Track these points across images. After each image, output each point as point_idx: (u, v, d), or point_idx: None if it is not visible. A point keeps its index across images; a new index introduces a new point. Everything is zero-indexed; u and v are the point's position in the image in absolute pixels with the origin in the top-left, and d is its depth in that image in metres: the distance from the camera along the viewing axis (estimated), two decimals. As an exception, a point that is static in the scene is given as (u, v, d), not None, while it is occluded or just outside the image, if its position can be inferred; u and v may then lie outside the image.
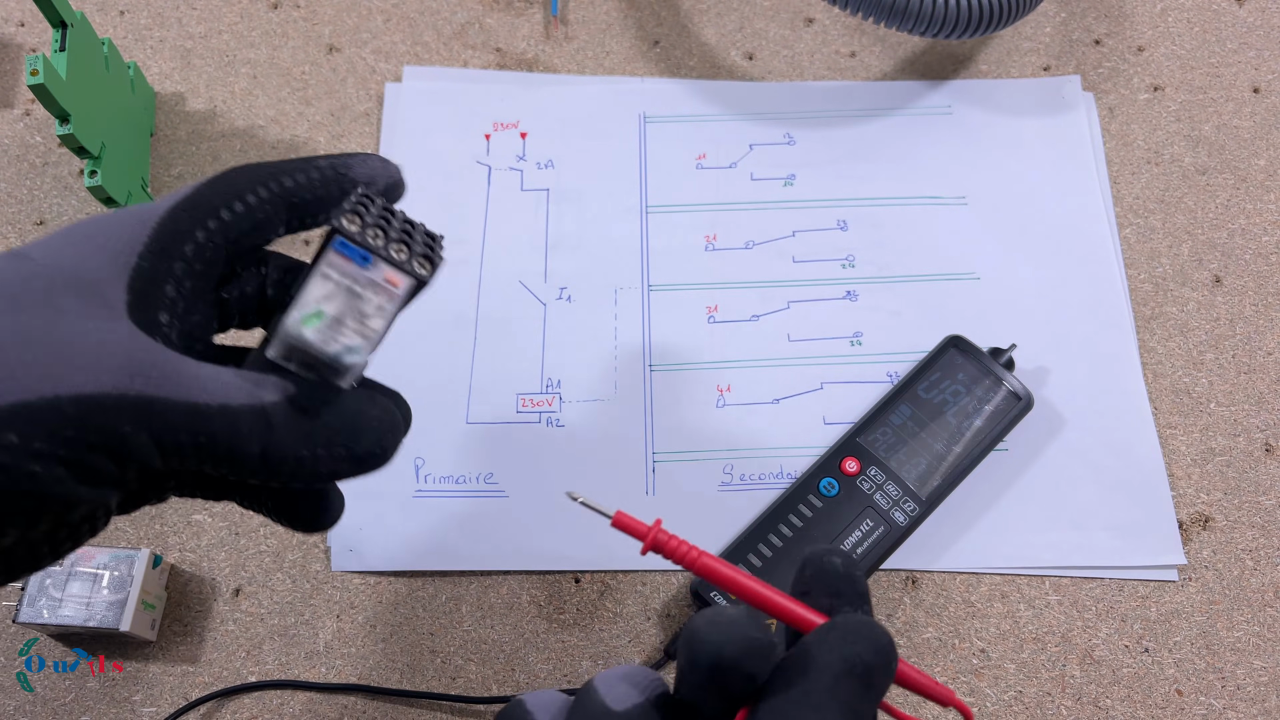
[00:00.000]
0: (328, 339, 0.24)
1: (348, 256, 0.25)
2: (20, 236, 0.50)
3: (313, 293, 0.25)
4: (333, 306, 0.25)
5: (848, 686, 0.21)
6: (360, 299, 0.25)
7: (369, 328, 0.25)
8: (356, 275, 0.25)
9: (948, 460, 0.44)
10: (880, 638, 0.22)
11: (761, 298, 0.49)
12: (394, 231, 0.26)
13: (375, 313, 0.25)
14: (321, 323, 0.24)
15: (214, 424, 0.23)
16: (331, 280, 0.25)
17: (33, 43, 0.54)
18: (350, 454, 0.25)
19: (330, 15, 0.55)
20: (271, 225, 0.27)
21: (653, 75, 0.55)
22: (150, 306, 0.24)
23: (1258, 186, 0.52)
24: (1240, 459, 0.46)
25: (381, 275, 0.25)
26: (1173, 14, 0.56)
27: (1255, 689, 0.42)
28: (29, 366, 0.21)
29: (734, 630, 0.21)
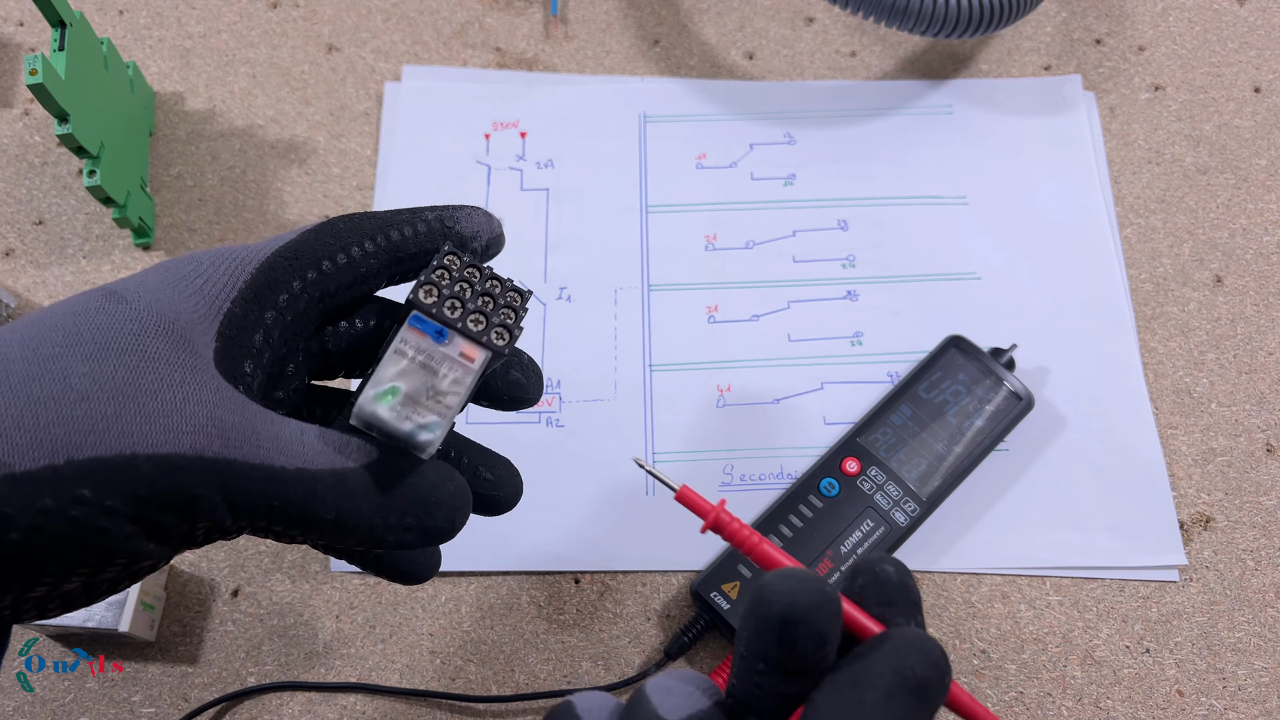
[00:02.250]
0: (402, 416, 0.24)
1: (422, 331, 0.25)
2: (19, 236, 0.49)
3: (387, 370, 0.24)
4: (407, 383, 0.24)
5: (901, 701, 0.21)
6: (435, 375, 0.25)
7: (444, 404, 0.24)
8: (431, 351, 0.25)
9: (948, 460, 0.44)
10: (934, 652, 0.22)
11: (762, 297, 0.49)
12: (473, 300, 0.26)
13: (450, 388, 0.25)
14: (396, 400, 0.24)
15: (290, 489, 0.23)
16: (406, 357, 0.25)
17: (32, 42, 0.54)
18: (420, 526, 0.25)
19: (330, 15, 0.55)
20: (375, 278, 0.27)
21: (653, 75, 0.54)
22: (237, 355, 0.24)
23: (1259, 186, 0.52)
24: (1241, 459, 0.46)
25: (457, 350, 0.25)
26: (1174, 13, 0.56)
27: (1256, 689, 0.42)
28: (110, 420, 0.21)
29: (806, 583, 0.21)
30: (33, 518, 0.20)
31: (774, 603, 0.21)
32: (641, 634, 0.43)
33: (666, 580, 0.44)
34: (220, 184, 0.51)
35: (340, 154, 0.52)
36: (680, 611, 0.43)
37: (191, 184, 0.51)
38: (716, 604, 0.41)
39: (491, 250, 0.29)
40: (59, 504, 0.20)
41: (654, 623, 0.43)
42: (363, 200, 0.51)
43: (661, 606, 0.43)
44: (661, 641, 0.43)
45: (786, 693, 0.22)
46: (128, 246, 0.49)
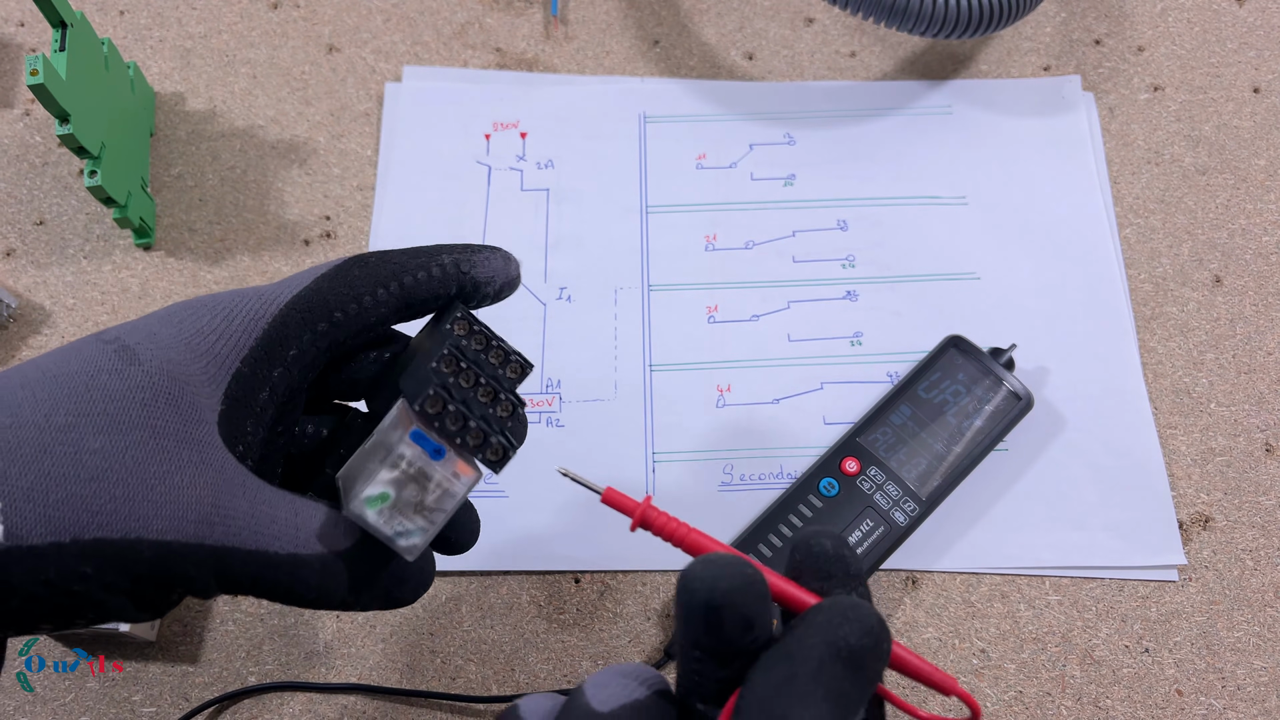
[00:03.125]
0: (389, 520, 0.25)
1: (422, 447, 0.25)
2: (20, 236, 0.50)
3: (380, 475, 0.25)
4: (397, 490, 0.25)
5: (833, 671, 0.20)
6: (426, 490, 0.25)
7: (430, 519, 0.25)
8: (426, 467, 0.25)
9: (948, 460, 0.44)
10: (868, 618, 0.21)
11: (761, 297, 0.49)
12: (476, 408, 0.26)
13: (437, 505, 0.25)
14: (385, 505, 0.25)
15: (279, 571, 0.24)
16: (400, 467, 0.25)
17: (32, 43, 0.54)
18: (387, 598, 0.26)
19: (330, 15, 0.55)
20: (386, 322, 0.27)
21: (653, 75, 0.55)
22: (241, 416, 0.25)
23: (1258, 186, 0.52)
24: (1240, 459, 0.46)
25: (452, 468, 0.25)
26: (1173, 14, 0.56)
27: (1255, 689, 0.42)
28: (118, 503, 0.22)
29: (728, 568, 0.21)
30: (34, 589, 0.21)
31: (696, 590, 0.21)
32: (641, 633, 0.43)
33: (666, 580, 0.44)
34: (221, 184, 0.51)
35: (341, 154, 0.52)
36: (680, 611, 0.43)
37: (192, 184, 0.51)
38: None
39: (505, 293, 0.29)
40: (61, 579, 0.21)
41: (654, 622, 0.43)
42: (363, 200, 0.51)
43: (661, 606, 0.43)
44: (661, 641, 0.43)
45: (723, 676, 0.22)
46: (128, 246, 0.50)
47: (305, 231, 0.50)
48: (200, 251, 0.50)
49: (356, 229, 0.50)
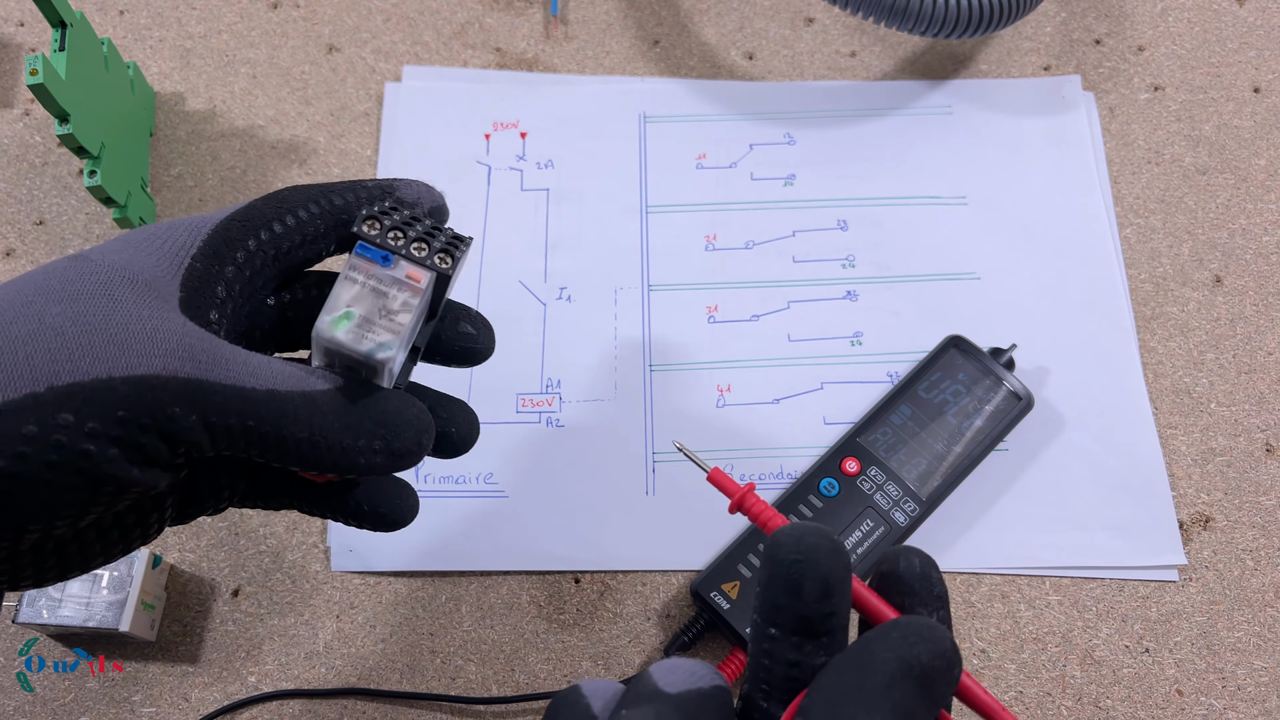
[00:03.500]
0: (359, 338, 0.25)
1: (369, 259, 0.26)
2: (20, 236, 0.50)
3: (340, 296, 0.26)
4: (360, 307, 0.26)
5: (903, 688, 0.21)
6: (386, 297, 0.26)
7: (396, 323, 0.26)
8: (380, 275, 0.26)
9: (948, 460, 0.44)
10: (943, 640, 0.21)
11: (761, 298, 0.49)
12: (414, 233, 0.27)
13: (401, 309, 0.26)
14: (351, 323, 0.25)
15: (261, 408, 0.24)
16: (356, 282, 0.26)
17: (32, 42, 0.54)
18: (388, 448, 0.26)
19: (330, 15, 0.55)
20: (320, 242, 0.28)
21: (653, 75, 0.54)
22: (202, 304, 0.25)
23: (1258, 186, 0.52)
24: (1241, 459, 0.46)
25: (403, 273, 0.26)
26: (1173, 14, 0.56)
27: (1256, 689, 0.42)
28: (84, 349, 0.22)
29: (816, 531, 0.22)
30: (17, 445, 0.21)
31: (783, 544, 0.22)
32: (641, 634, 0.43)
33: (666, 580, 0.44)
34: (221, 184, 0.51)
35: (340, 154, 0.52)
36: (680, 611, 0.43)
37: (192, 184, 0.51)
38: (716, 604, 0.41)
39: (437, 218, 0.30)
40: (43, 430, 0.21)
41: (654, 622, 0.43)
42: (363, 200, 0.51)
43: (661, 606, 0.43)
44: (661, 641, 0.43)
45: (794, 661, 0.22)
46: (128, 246, 0.49)
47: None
48: (200, 251, 0.50)
49: (356, 229, 0.50)
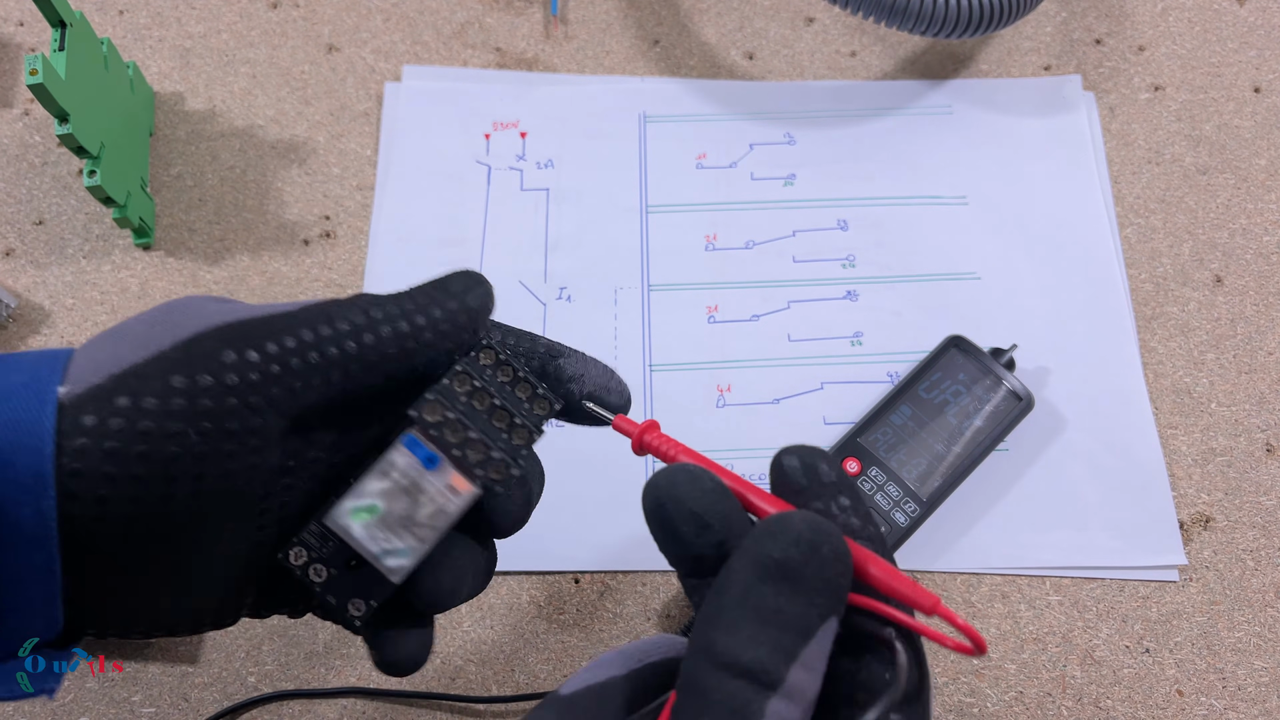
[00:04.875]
0: (373, 536, 0.23)
1: (414, 454, 0.24)
2: (19, 236, 0.49)
3: (369, 485, 0.23)
4: (387, 503, 0.23)
5: (760, 592, 0.19)
6: (418, 503, 0.24)
7: (417, 536, 0.24)
8: (418, 477, 0.24)
9: (948, 460, 0.44)
10: (794, 528, 0.20)
11: (762, 297, 0.49)
12: (477, 426, 0.24)
13: (429, 520, 0.24)
14: (371, 519, 0.23)
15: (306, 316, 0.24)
16: (390, 476, 0.24)
17: (32, 42, 0.54)
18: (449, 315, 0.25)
19: (330, 15, 0.55)
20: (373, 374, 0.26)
21: (653, 75, 0.54)
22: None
23: (1258, 186, 0.52)
24: (1241, 459, 0.46)
25: (446, 480, 0.24)
26: (1173, 13, 0.56)
27: (1256, 689, 0.42)
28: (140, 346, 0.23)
29: (677, 471, 0.22)
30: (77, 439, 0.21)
31: (647, 493, 0.22)
32: (641, 634, 0.43)
33: (666, 580, 0.44)
34: (220, 184, 0.51)
35: (340, 154, 0.52)
36: (680, 611, 0.43)
37: (192, 184, 0.51)
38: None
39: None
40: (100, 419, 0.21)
41: (654, 623, 0.43)
42: (362, 200, 0.51)
43: (661, 606, 0.43)
44: (661, 641, 0.43)
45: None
46: (128, 246, 0.49)
47: (305, 231, 0.50)
48: (200, 251, 0.50)
49: (356, 229, 0.50)
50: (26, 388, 0.22)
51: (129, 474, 0.21)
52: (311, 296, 0.48)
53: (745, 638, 0.19)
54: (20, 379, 0.22)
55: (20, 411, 0.21)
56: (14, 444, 0.21)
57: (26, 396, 0.21)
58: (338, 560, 0.25)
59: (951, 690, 0.42)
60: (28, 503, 0.21)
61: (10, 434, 0.21)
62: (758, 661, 0.18)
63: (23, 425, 0.21)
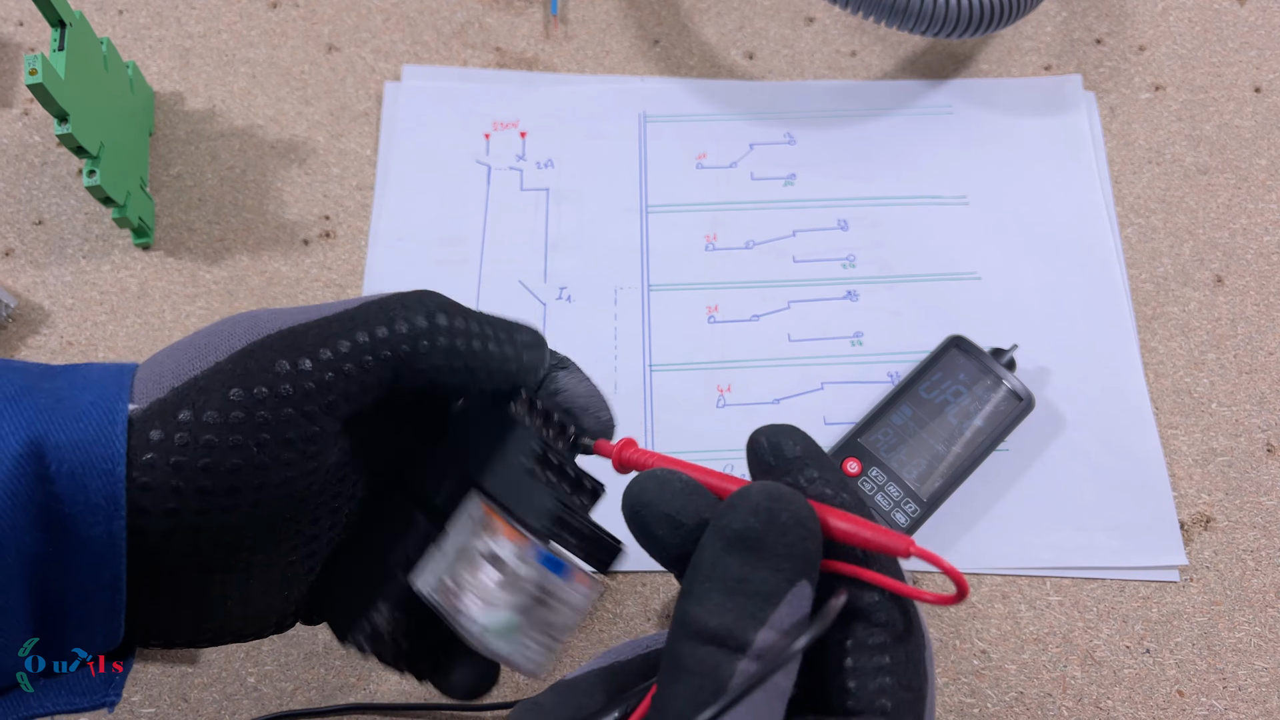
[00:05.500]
0: (517, 650, 0.23)
1: (548, 569, 0.23)
2: (19, 236, 0.49)
3: (500, 597, 0.23)
4: (525, 616, 0.23)
5: (725, 564, 0.20)
6: (551, 608, 0.23)
7: (556, 636, 0.23)
8: (552, 585, 0.23)
9: (948, 461, 0.44)
10: (753, 498, 0.20)
11: (762, 297, 0.49)
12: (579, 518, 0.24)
13: (565, 620, 0.23)
14: (516, 634, 0.23)
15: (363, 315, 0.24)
16: (525, 591, 0.23)
17: (31, 42, 0.54)
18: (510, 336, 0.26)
19: (329, 14, 0.55)
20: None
21: (653, 74, 0.54)
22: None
23: (1259, 186, 0.52)
24: (1242, 459, 0.46)
25: (573, 582, 0.23)
26: (1174, 13, 0.56)
27: (1257, 690, 0.41)
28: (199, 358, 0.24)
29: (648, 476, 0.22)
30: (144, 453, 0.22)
31: (624, 501, 0.22)
32: (641, 634, 0.43)
33: (667, 580, 0.44)
34: (220, 184, 0.51)
35: (340, 154, 0.52)
36: (680, 612, 0.43)
37: (191, 184, 0.51)
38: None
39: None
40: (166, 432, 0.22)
41: (654, 623, 0.43)
42: (362, 200, 0.51)
43: (662, 607, 0.43)
44: (661, 642, 0.43)
45: None
46: (127, 246, 0.49)
47: (304, 231, 0.50)
48: (199, 251, 0.50)
49: (356, 229, 0.50)
50: (96, 407, 0.22)
51: (195, 486, 0.22)
52: (311, 297, 0.48)
53: (713, 607, 0.19)
54: (90, 397, 0.22)
55: (92, 431, 0.21)
56: (86, 466, 0.21)
57: (97, 416, 0.22)
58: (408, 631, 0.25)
59: (952, 691, 0.42)
60: (99, 523, 0.21)
61: (82, 455, 0.21)
62: (724, 628, 0.19)
63: (94, 446, 0.21)
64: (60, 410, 0.22)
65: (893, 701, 0.20)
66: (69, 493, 0.21)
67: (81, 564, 0.22)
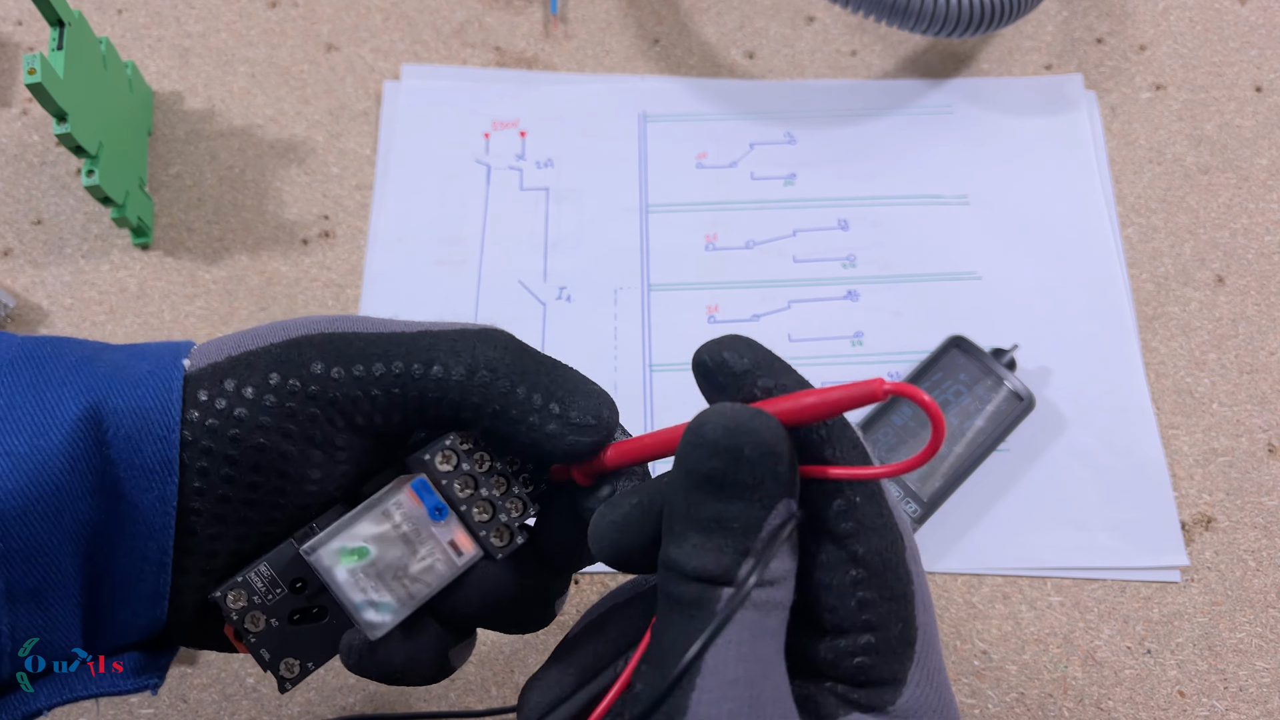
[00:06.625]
0: (358, 584, 0.22)
1: (421, 501, 0.22)
2: (18, 236, 0.49)
3: (365, 526, 0.22)
4: (380, 549, 0.22)
5: (695, 501, 0.19)
6: (414, 554, 0.22)
7: (407, 590, 0.22)
8: (421, 524, 0.22)
9: (949, 461, 0.43)
10: (710, 434, 0.19)
11: (762, 297, 0.49)
12: (487, 487, 0.23)
13: (421, 575, 0.22)
14: (359, 563, 0.22)
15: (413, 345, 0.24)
16: (391, 521, 0.22)
17: (30, 41, 0.54)
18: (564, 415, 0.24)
19: (328, 14, 0.55)
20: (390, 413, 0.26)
21: (653, 74, 0.54)
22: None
23: (1260, 186, 0.51)
24: (1243, 459, 0.45)
25: (449, 535, 0.22)
26: (1175, 12, 0.56)
27: (1258, 690, 0.41)
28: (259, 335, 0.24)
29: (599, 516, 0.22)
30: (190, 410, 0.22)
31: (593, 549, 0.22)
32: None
33: (666, 581, 0.44)
34: (219, 183, 0.51)
35: (339, 153, 0.52)
36: (680, 612, 0.43)
37: (190, 183, 0.51)
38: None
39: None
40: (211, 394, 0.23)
41: (654, 623, 0.43)
42: (361, 200, 0.51)
43: (661, 607, 0.43)
44: (661, 642, 0.42)
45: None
46: (126, 246, 0.49)
47: (304, 231, 0.50)
48: (198, 251, 0.49)
49: (355, 228, 0.50)
50: (153, 374, 0.22)
51: (224, 454, 0.22)
52: (310, 297, 0.48)
53: (691, 549, 0.19)
54: (146, 366, 0.23)
55: (149, 398, 0.22)
56: (142, 430, 0.22)
57: (154, 383, 0.22)
58: (280, 611, 0.23)
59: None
60: (152, 488, 0.22)
61: (139, 420, 0.22)
62: (703, 568, 0.19)
63: (151, 412, 0.22)
64: (119, 378, 0.22)
65: (875, 616, 0.20)
66: (124, 456, 0.22)
67: (133, 534, 0.22)
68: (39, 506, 0.21)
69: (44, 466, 0.21)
